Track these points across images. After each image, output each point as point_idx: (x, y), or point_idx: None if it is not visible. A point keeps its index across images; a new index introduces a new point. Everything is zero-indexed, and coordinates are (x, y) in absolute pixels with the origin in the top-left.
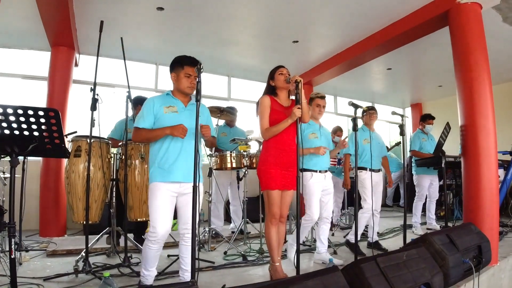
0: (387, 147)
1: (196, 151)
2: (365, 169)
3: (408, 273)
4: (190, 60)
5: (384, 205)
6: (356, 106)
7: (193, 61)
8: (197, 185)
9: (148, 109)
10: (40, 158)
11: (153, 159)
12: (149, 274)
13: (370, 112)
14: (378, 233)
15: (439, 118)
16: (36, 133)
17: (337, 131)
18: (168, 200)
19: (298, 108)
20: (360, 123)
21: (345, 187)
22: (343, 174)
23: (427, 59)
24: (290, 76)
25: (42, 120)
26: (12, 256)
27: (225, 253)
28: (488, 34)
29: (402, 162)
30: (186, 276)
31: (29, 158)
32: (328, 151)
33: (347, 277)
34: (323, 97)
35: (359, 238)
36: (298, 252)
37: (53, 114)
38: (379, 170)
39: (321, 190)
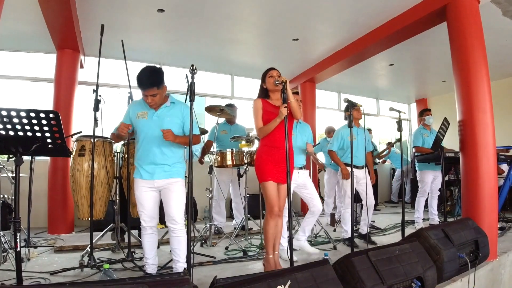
0: (391, 143)
1: (190, 151)
2: (348, 165)
3: (400, 267)
4: (140, 83)
5: (389, 201)
6: (351, 103)
7: (143, 84)
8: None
9: (126, 115)
10: (48, 158)
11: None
12: (146, 262)
13: (355, 108)
14: (379, 228)
15: (444, 113)
16: (38, 134)
17: (331, 131)
18: (144, 194)
19: (285, 107)
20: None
21: (344, 178)
22: None
23: (429, 55)
24: (278, 78)
25: (44, 121)
26: (18, 249)
27: (226, 248)
28: (488, 30)
29: (405, 157)
30: (178, 266)
31: (38, 158)
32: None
33: (339, 271)
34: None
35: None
36: (291, 245)
37: (54, 116)
38: (362, 167)
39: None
